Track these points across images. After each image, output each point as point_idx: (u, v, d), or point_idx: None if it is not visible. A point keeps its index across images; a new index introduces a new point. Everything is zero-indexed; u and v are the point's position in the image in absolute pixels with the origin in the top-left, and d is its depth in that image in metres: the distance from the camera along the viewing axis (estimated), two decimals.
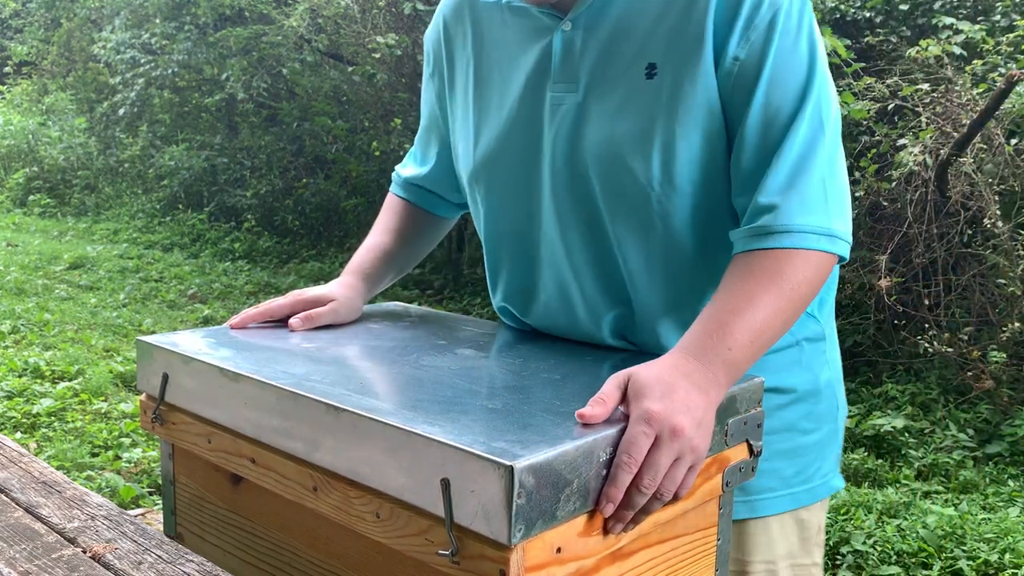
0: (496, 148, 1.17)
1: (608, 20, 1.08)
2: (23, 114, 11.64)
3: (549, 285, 1.18)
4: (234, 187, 8.38)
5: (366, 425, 0.87)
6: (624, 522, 0.85)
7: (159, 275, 6.77)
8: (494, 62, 1.19)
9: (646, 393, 0.87)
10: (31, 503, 1.05)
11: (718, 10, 1.01)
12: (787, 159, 1.01)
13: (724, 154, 1.06)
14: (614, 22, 1.08)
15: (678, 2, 1.04)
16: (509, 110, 1.15)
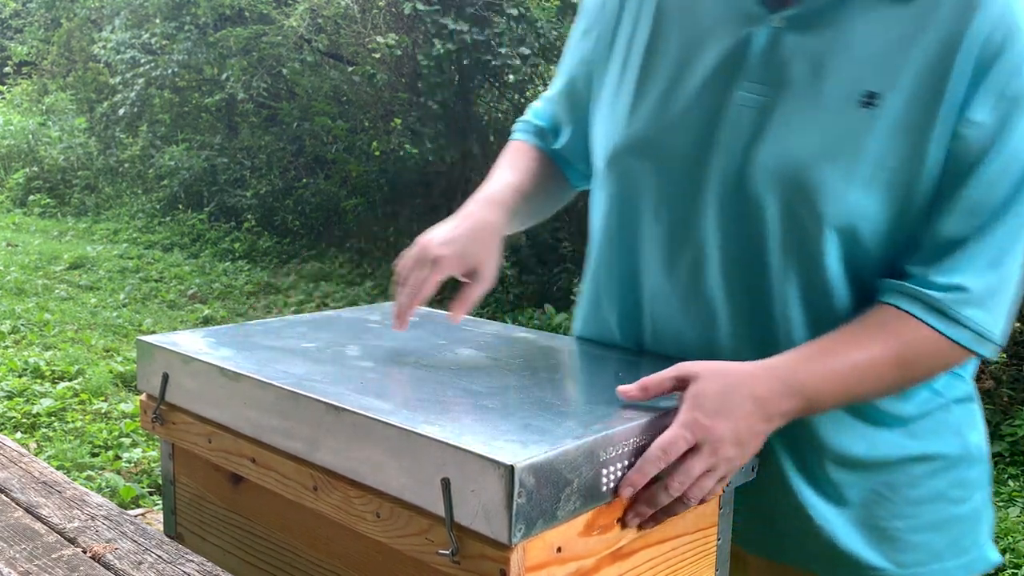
0: (653, 134, 1.03)
1: (830, 29, 0.95)
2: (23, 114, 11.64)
3: (673, 318, 1.05)
4: (234, 187, 8.38)
5: (366, 425, 0.87)
6: (644, 517, 0.85)
7: (159, 275, 6.76)
8: (674, 36, 1.04)
9: (703, 403, 0.86)
10: (31, 503, 1.05)
11: (970, 62, 0.90)
12: (990, 244, 0.92)
13: (912, 209, 0.94)
14: (837, 33, 0.95)
15: (925, 38, 0.91)
16: (683, 95, 1.01)
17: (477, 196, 1.13)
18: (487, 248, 1.06)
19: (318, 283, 6.67)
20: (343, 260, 7.34)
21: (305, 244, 7.77)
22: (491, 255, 1.07)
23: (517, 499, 0.75)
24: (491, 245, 1.07)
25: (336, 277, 6.89)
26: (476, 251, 1.05)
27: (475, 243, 1.06)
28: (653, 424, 0.88)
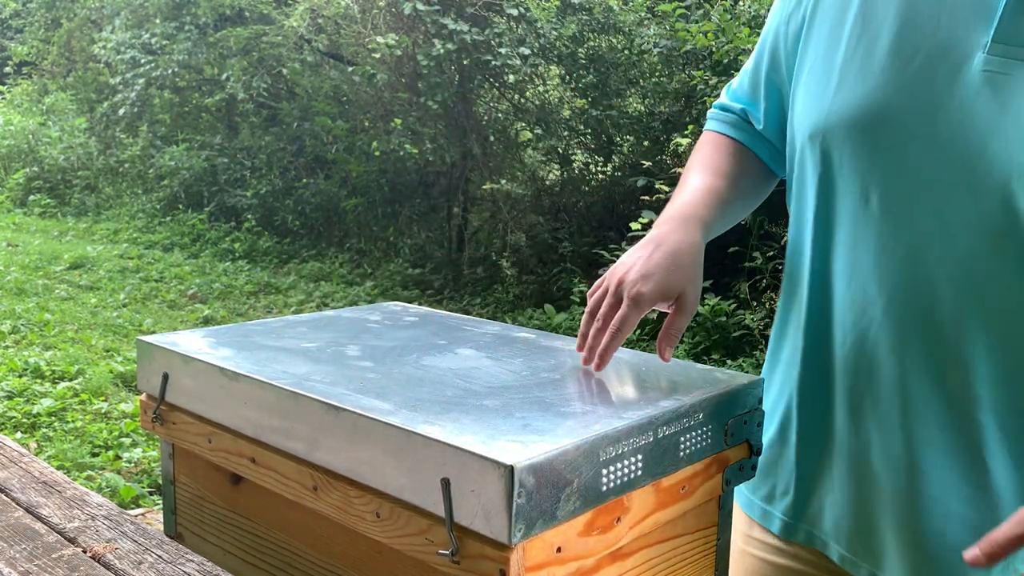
0: (868, 106, 0.84)
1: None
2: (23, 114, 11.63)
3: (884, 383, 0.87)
4: (234, 187, 8.39)
5: (366, 425, 0.87)
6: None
7: (159, 275, 6.76)
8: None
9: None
10: (31, 503, 1.05)
11: None
12: None
13: None
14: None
15: None
16: (905, 58, 0.82)
17: (670, 211, 1.02)
18: (688, 276, 0.96)
19: (318, 283, 6.67)
20: (343, 260, 7.34)
21: (305, 244, 7.77)
22: (692, 282, 0.97)
23: (517, 499, 0.75)
24: (692, 271, 0.97)
25: (336, 277, 6.89)
26: (677, 281, 0.96)
27: (675, 273, 0.95)
28: (653, 424, 0.88)
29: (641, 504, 0.88)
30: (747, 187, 1.09)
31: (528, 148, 7.32)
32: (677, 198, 1.04)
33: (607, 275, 0.99)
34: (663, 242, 0.97)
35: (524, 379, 1.01)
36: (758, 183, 1.11)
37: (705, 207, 1.01)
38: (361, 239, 7.65)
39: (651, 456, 0.88)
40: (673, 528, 0.95)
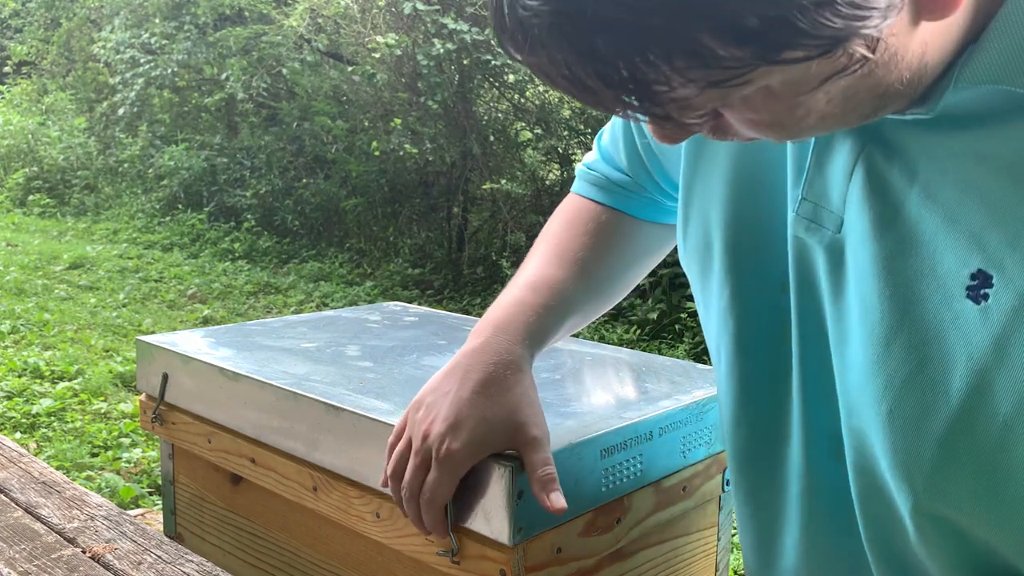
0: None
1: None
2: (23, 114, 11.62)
3: None
4: (234, 187, 8.38)
5: (366, 425, 0.87)
6: None
7: (159, 275, 6.76)
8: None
9: None
10: (31, 503, 1.05)
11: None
12: None
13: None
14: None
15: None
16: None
17: (488, 315, 0.83)
18: (513, 405, 0.76)
19: (318, 283, 6.66)
20: (343, 260, 7.34)
21: (305, 244, 7.77)
22: (524, 410, 0.76)
23: (517, 500, 0.75)
24: (518, 398, 0.77)
25: (336, 277, 6.89)
26: (500, 421, 0.75)
27: (494, 410, 0.75)
28: (653, 424, 0.88)
29: (641, 504, 0.88)
30: (628, 258, 0.91)
31: (528, 148, 7.32)
32: (502, 297, 0.84)
33: (406, 417, 0.78)
34: (472, 367, 0.76)
35: None
36: (649, 245, 0.92)
37: (534, 311, 0.81)
38: (361, 239, 7.65)
39: (651, 456, 0.88)
40: (673, 528, 0.94)
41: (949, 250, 0.53)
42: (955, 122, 0.53)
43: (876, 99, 0.50)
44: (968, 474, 0.54)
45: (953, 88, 0.51)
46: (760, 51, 0.42)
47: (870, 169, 0.57)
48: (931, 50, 0.49)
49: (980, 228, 0.52)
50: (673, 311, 5.06)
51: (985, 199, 0.52)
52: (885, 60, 0.47)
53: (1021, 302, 0.51)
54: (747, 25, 0.40)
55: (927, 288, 0.54)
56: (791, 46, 0.42)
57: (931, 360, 0.55)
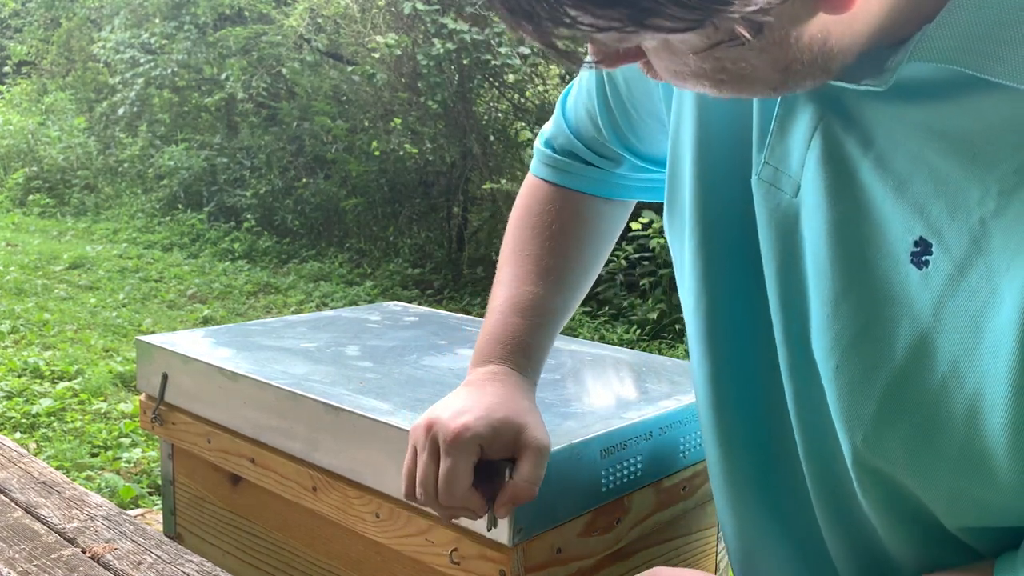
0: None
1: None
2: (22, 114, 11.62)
3: None
4: (234, 187, 8.38)
5: (366, 425, 0.86)
6: None
7: (159, 275, 6.76)
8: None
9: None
10: (30, 503, 1.05)
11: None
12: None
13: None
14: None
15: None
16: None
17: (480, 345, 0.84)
18: (521, 407, 0.78)
19: (318, 283, 6.66)
20: (343, 260, 7.34)
21: (305, 244, 7.77)
22: (528, 414, 0.78)
23: None
24: (522, 403, 0.79)
25: (336, 277, 6.89)
26: (506, 412, 0.76)
27: (501, 405, 0.77)
28: (653, 424, 0.88)
29: (641, 504, 0.88)
30: (594, 248, 0.92)
31: (528, 148, 7.32)
32: (491, 323, 0.85)
33: (415, 438, 0.78)
34: (482, 390, 0.79)
35: None
36: (610, 227, 0.93)
37: (528, 333, 0.83)
38: (361, 239, 7.65)
39: (651, 456, 0.88)
40: (673, 528, 0.94)
41: (896, 217, 0.55)
42: (909, 95, 0.55)
43: (779, 73, 0.53)
44: (905, 429, 0.56)
45: (906, 65, 0.53)
46: (631, 15, 0.45)
47: (828, 136, 0.59)
48: (836, 36, 0.51)
49: (925, 198, 0.54)
50: (673, 311, 5.06)
51: (931, 171, 0.54)
52: (776, 41, 0.50)
53: (956, 270, 0.53)
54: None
55: (875, 253, 0.56)
56: (658, 15, 0.45)
57: (877, 320, 0.57)
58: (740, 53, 0.51)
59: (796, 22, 0.50)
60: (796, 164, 0.61)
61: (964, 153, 0.53)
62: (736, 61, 0.51)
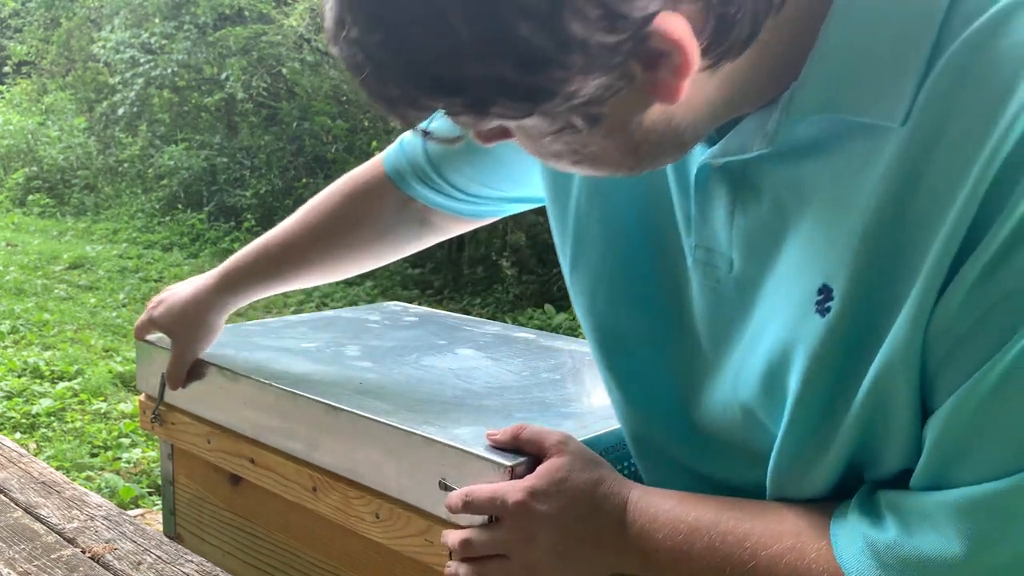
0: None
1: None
2: (22, 114, 11.62)
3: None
4: (234, 187, 8.38)
5: (365, 425, 0.86)
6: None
7: (159, 275, 6.76)
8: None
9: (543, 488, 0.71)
10: (30, 503, 1.05)
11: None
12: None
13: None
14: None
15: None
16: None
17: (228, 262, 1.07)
18: (186, 324, 1.07)
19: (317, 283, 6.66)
20: None
21: None
22: (187, 330, 1.07)
23: None
24: (192, 323, 1.07)
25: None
26: (176, 324, 1.07)
27: (175, 319, 1.07)
28: None
29: None
30: (390, 237, 1.00)
31: None
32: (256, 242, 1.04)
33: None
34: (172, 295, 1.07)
35: (524, 379, 1.01)
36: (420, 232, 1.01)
37: (252, 263, 1.04)
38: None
39: None
40: None
41: (806, 270, 0.57)
42: (800, 152, 0.56)
43: (630, 155, 0.55)
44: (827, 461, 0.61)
45: (786, 122, 0.54)
46: (471, 103, 0.48)
47: (745, 210, 0.61)
48: (680, 116, 0.53)
49: (825, 246, 0.56)
50: None
51: (828, 218, 0.56)
52: (617, 127, 0.52)
53: (849, 312, 0.55)
54: (453, 83, 0.47)
55: (791, 306, 0.58)
56: (493, 104, 0.48)
57: (790, 374, 0.59)
58: (586, 139, 0.53)
59: (633, 111, 0.52)
60: (724, 241, 0.63)
61: (851, 197, 0.54)
62: (585, 145, 0.54)
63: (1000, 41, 0.48)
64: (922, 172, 0.50)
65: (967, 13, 0.49)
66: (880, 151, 0.52)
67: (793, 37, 0.52)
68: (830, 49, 0.52)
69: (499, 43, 0.45)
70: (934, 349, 0.52)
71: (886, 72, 0.51)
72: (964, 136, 0.49)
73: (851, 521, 0.59)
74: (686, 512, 0.66)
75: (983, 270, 0.49)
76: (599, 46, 0.46)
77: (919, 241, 0.51)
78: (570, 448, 0.74)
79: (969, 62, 0.49)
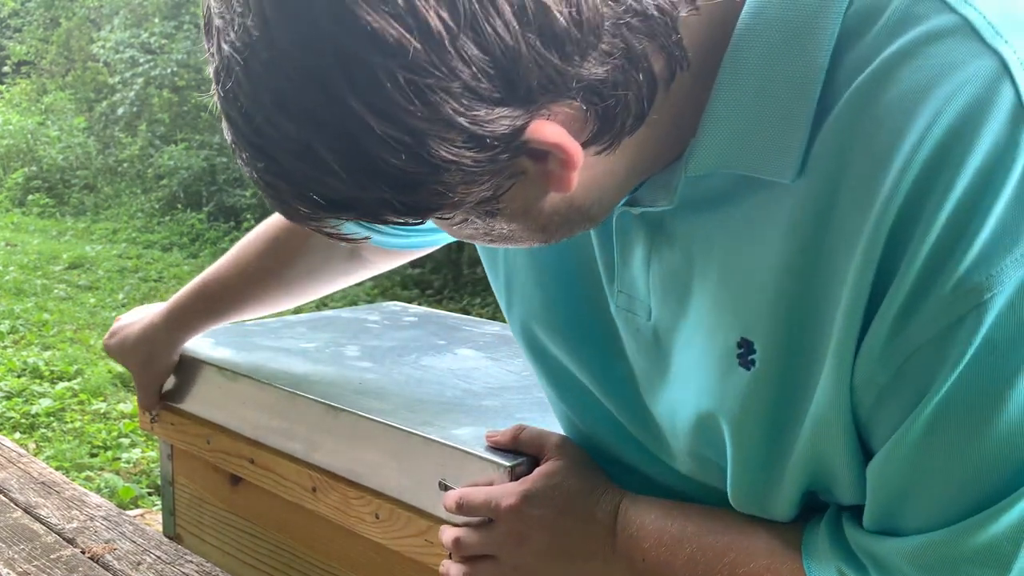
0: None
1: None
2: (22, 114, 11.62)
3: None
4: (233, 187, 8.38)
5: (365, 426, 0.86)
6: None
7: (158, 275, 6.76)
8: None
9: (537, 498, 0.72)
10: (30, 503, 1.05)
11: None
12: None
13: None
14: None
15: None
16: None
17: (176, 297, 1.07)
18: (134, 354, 1.10)
19: None
20: None
21: None
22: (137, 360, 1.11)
23: None
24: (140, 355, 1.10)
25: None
26: (129, 355, 1.11)
27: (128, 350, 1.10)
28: None
29: None
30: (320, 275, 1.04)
31: None
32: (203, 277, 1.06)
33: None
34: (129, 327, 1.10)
35: (524, 379, 1.01)
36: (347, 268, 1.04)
37: (194, 303, 1.05)
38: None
39: None
40: None
41: (721, 323, 0.57)
42: (704, 205, 0.57)
43: (539, 232, 0.56)
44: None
45: (684, 181, 0.55)
46: (361, 216, 0.50)
47: (660, 259, 0.61)
48: (580, 196, 0.53)
49: (738, 299, 0.56)
50: None
51: (737, 271, 0.56)
52: (518, 214, 0.53)
53: (776, 363, 0.54)
54: (339, 204, 0.49)
55: (711, 360, 0.58)
56: (384, 218, 0.49)
57: (719, 429, 0.59)
58: (493, 223, 0.54)
59: (531, 199, 0.52)
60: (643, 289, 0.63)
61: (754, 245, 0.54)
62: (492, 228, 0.54)
63: (885, 93, 0.48)
64: (823, 225, 0.51)
65: (851, 66, 0.49)
66: (780, 204, 0.53)
67: (690, 99, 0.53)
68: (721, 109, 0.53)
69: (370, 172, 0.46)
70: (862, 399, 0.52)
71: (775, 130, 0.51)
72: (860, 185, 0.49)
73: (823, 555, 0.59)
74: (670, 523, 0.67)
75: (893, 323, 0.48)
76: (473, 161, 0.46)
77: (830, 293, 0.51)
78: (567, 452, 0.75)
79: (858, 113, 0.49)
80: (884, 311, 0.48)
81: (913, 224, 0.46)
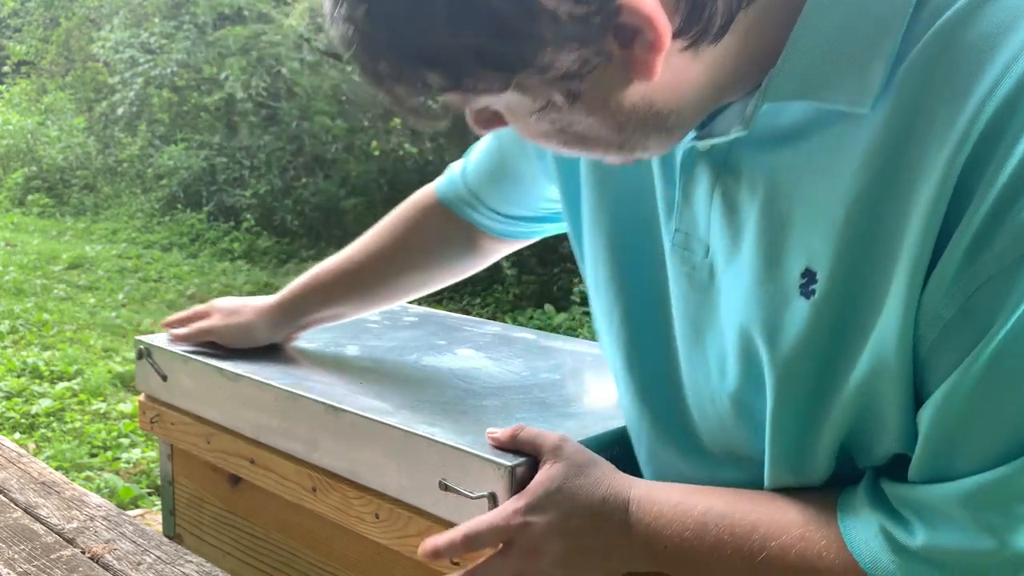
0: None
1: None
2: (22, 114, 11.62)
3: None
4: (233, 187, 8.38)
5: (365, 425, 0.86)
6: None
7: (158, 275, 6.76)
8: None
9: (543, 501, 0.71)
10: (30, 503, 1.05)
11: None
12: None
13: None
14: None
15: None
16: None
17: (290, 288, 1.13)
18: (237, 328, 1.11)
19: None
20: None
21: (304, 244, 7.77)
22: (230, 327, 1.11)
23: None
24: (242, 330, 1.11)
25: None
26: (229, 329, 1.11)
27: (231, 328, 1.11)
28: None
29: None
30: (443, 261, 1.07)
31: None
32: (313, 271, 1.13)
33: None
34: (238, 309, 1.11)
35: (524, 379, 1.01)
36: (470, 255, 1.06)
37: (305, 294, 1.10)
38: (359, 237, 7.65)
39: None
40: None
41: (786, 255, 0.58)
42: (777, 138, 0.58)
43: (616, 133, 0.56)
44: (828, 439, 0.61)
45: (763, 107, 0.56)
46: (448, 74, 0.50)
47: (724, 194, 0.62)
48: (661, 102, 0.54)
49: (805, 230, 0.57)
50: None
51: (806, 203, 0.57)
52: (598, 106, 0.53)
53: (837, 294, 0.55)
54: (431, 52, 0.49)
55: (772, 291, 0.59)
56: (469, 75, 0.50)
57: (780, 356, 0.60)
58: (571, 116, 0.54)
59: (612, 89, 0.53)
60: (703, 226, 0.64)
61: (830, 180, 0.55)
62: (570, 124, 0.55)
63: (968, 31, 0.50)
64: (900, 156, 0.52)
65: (935, 7, 0.51)
66: (855, 138, 0.54)
67: (775, 25, 0.54)
68: (805, 38, 0.54)
69: (471, 12, 0.47)
70: (925, 334, 0.52)
71: (857, 61, 0.53)
72: (937, 120, 0.50)
73: (863, 515, 0.59)
74: (693, 506, 0.67)
75: (965, 254, 0.49)
76: (568, 17, 0.47)
77: (901, 224, 0.52)
78: (564, 454, 0.74)
79: (939, 51, 0.51)
80: (957, 240, 0.49)
81: (989, 156, 0.48)
